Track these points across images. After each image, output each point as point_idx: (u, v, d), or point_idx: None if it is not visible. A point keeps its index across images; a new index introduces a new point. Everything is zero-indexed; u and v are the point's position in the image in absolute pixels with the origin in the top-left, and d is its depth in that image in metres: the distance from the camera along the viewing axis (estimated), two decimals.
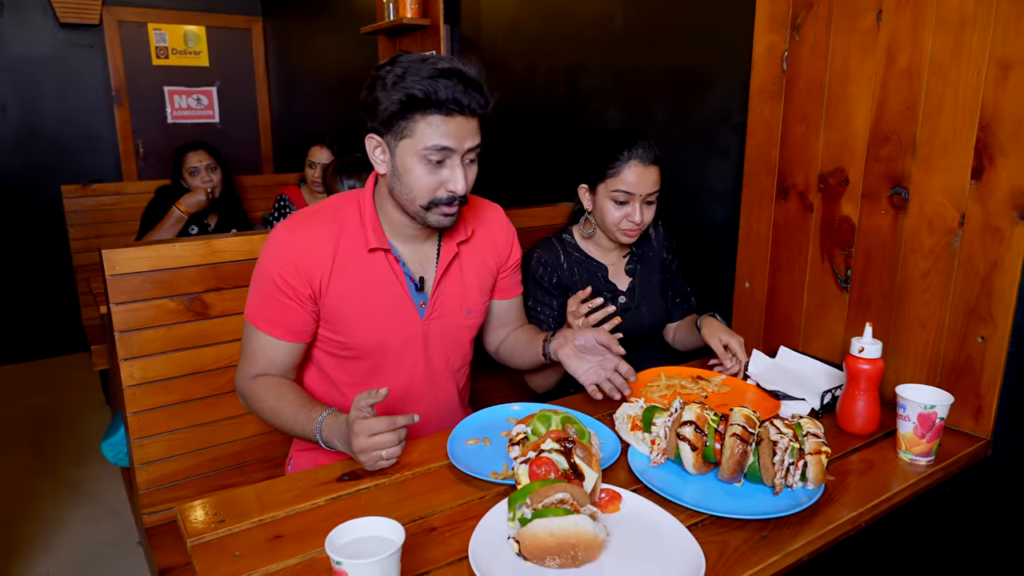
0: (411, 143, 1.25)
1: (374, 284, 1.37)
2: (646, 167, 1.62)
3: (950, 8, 1.30)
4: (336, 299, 1.35)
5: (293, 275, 1.32)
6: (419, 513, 1.07)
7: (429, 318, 1.43)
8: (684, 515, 1.05)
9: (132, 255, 1.54)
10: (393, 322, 1.39)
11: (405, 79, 1.21)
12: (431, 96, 1.20)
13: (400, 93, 1.21)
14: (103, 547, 2.51)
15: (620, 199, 1.63)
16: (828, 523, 1.06)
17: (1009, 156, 1.25)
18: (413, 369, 1.45)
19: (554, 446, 1.05)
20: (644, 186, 1.62)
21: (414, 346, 1.43)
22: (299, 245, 1.32)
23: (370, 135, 1.30)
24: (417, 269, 1.42)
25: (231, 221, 3.20)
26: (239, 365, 1.42)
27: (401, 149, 1.26)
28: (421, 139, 1.24)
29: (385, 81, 1.23)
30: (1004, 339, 1.30)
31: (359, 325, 1.38)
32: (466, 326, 1.50)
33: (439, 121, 1.23)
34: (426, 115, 1.22)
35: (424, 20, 2.93)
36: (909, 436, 1.24)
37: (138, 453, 1.62)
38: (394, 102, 1.21)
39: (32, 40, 4.25)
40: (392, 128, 1.25)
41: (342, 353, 1.42)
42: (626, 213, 1.64)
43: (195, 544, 1.00)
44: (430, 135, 1.23)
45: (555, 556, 0.90)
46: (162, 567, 1.52)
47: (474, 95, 1.24)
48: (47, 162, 4.37)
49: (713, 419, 1.16)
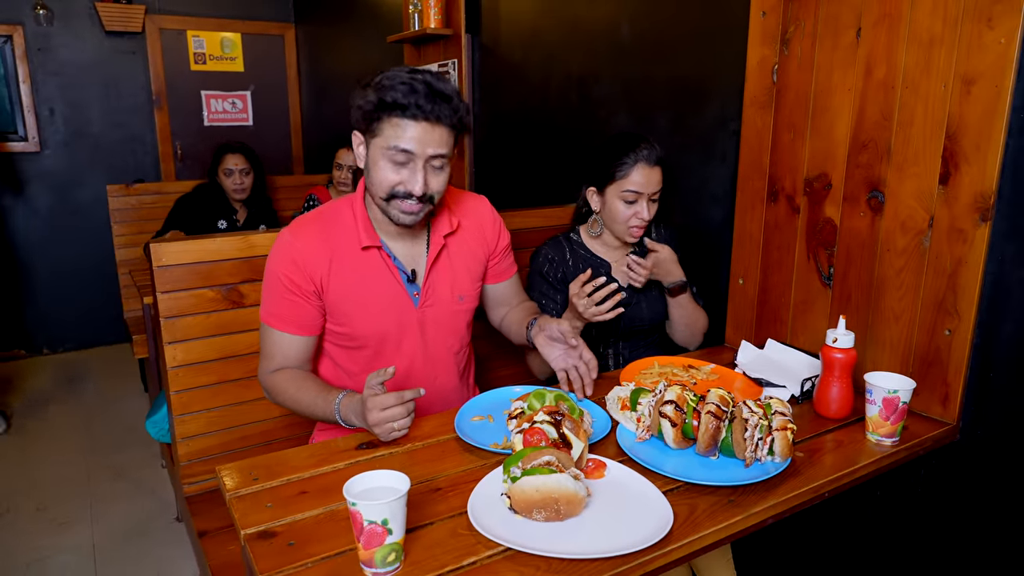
0: (379, 141, 1.39)
1: (370, 279, 1.52)
2: (651, 167, 1.76)
3: (920, 27, 1.41)
4: (337, 294, 1.50)
5: (297, 274, 1.48)
6: (426, 476, 1.22)
7: (423, 306, 1.57)
8: (662, 482, 1.18)
9: (177, 248, 1.71)
10: (390, 312, 1.54)
11: (381, 84, 1.37)
12: (397, 100, 1.35)
13: (373, 95, 1.37)
14: (143, 522, 2.70)
15: (629, 199, 1.77)
16: (792, 491, 1.18)
17: (972, 163, 1.36)
18: (413, 354, 1.59)
19: (546, 418, 1.19)
20: (651, 185, 1.77)
21: (411, 333, 1.58)
22: (300, 247, 1.48)
23: (354, 132, 1.46)
24: (408, 263, 1.57)
25: (259, 218, 3.40)
26: (260, 363, 1.57)
27: (372, 146, 1.42)
28: (386, 139, 1.38)
29: (367, 85, 1.40)
30: (968, 331, 1.41)
31: (359, 317, 1.53)
32: (460, 311, 1.64)
33: (404, 124, 1.36)
34: (391, 117, 1.37)
35: (447, 30, 3.08)
36: (875, 419, 1.35)
37: (179, 428, 1.79)
38: (368, 102, 1.37)
39: (80, 47, 4.50)
40: (367, 126, 1.41)
41: (347, 344, 1.57)
42: (635, 211, 1.78)
43: (233, 497, 1.16)
44: (393, 136, 1.37)
45: (541, 509, 1.04)
46: (200, 530, 1.69)
47: (441, 105, 1.36)
48: (91, 162, 4.62)
49: (692, 399, 1.28)
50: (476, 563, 0.99)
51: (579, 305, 1.62)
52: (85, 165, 4.61)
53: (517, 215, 2.22)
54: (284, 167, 5.25)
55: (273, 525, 1.08)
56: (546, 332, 1.54)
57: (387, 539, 0.94)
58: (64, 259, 4.62)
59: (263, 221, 3.43)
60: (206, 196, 3.36)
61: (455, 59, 3.10)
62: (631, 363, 1.72)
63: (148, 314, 2.83)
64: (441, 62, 3.20)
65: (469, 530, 1.05)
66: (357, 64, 4.27)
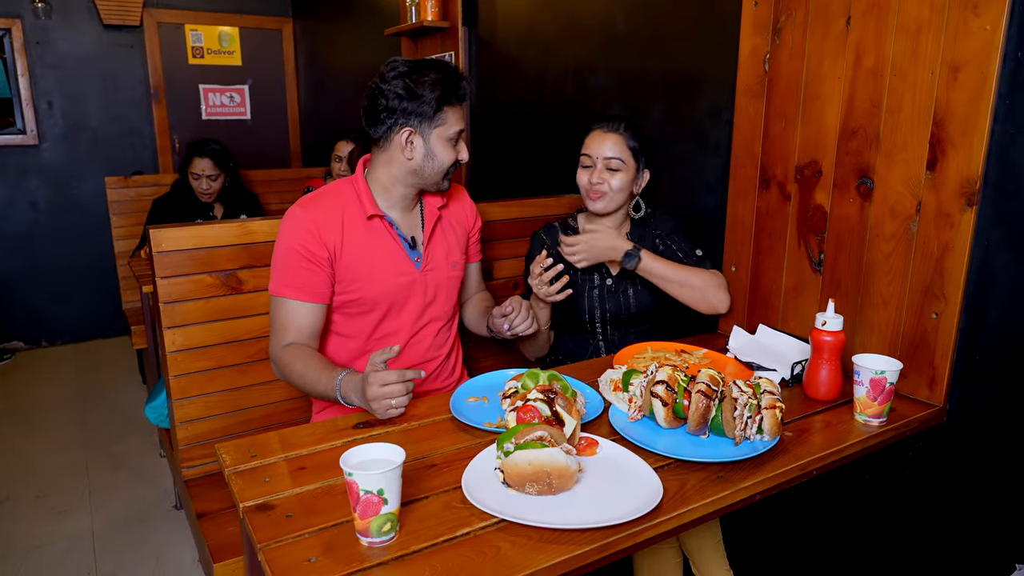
0: (443, 129, 1.59)
1: (377, 245, 1.63)
2: (605, 133, 1.86)
3: (908, 15, 1.44)
4: (350, 259, 1.60)
5: (313, 243, 1.56)
6: (422, 453, 1.24)
7: (425, 269, 1.70)
8: (653, 459, 1.20)
9: (176, 234, 1.73)
10: (396, 274, 1.66)
11: (428, 80, 1.54)
12: (458, 92, 1.58)
13: (435, 92, 1.54)
14: (141, 511, 2.72)
15: (585, 163, 1.88)
16: (779, 467, 1.21)
17: (959, 149, 1.38)
18: (413, 316, 1.70)
19: (539, 396, 1.21)
20: (601, 150, 1.84)
21: (415, 294, 1.69)
22: (314, 218, 1.58)
23: (401, 130, 1.56)
24: (408, 231, 1.69)
25: (238, 212, 3.40)
26: (271, 337, 1.63)
27: (435, 135, 1.58)
28: (451, 126, 1.59)
29: (408, 87, 1.53)
30: (955, 315, 1.43)
31: (370, 280, 1.62)
32: (452, 277, 1.77)
33: (458, 109, 1.61)
34: (451, 106, 1.58)
35: (444, 23, 3.10)
36: (863, 399, 1.38)
37: (178, 412, 1.81)
38: (432, 100, 1.54)
39: (78, 40, 4.51)
40: (429, 120, 1.55)
41: (355, 310, 1.65)
42: (588, 176, 1.86)
43: (232, 472, 1.18)
44: (456, 122, 1.60)
45: (533, 483, 1.07)
46: (199, 512, 1.71)
47: (469, 87, 1.64)
48: (89, 155, 4.64)
49: (683, 379, 1.31)
50: (470, 533, 1.01)
51: (532, 284, 1.74)
52: (84, 158, 4.63)
53: (513, 205, 2.25)
54: (282, 161, 5.27)
55: (271, 498, 1.10)
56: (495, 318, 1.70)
57: (383, 509, 0.96)
58: (62, 252, 4.64)
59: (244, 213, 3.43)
60: (181, 194, 3.33)
61: (452, 52, 3.12)
62: (624, 348, 1.75)
63: (147, 303, 2.85)
64: (438, 55, 3.22)
65: (463, 503, 1.08)
66: (355, 58, 4.29)
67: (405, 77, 1.54)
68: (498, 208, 2.22)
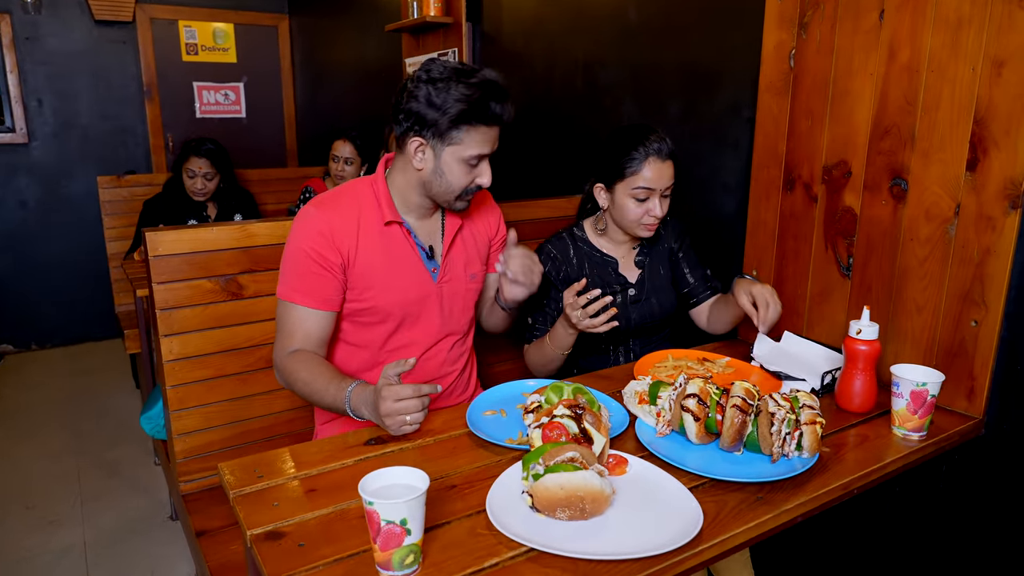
0: (457, 150, 1.42)
1: (393, 253, 1.53)
2: (663, 162, 1.67)
3: (948, 8, 1.37)
4: (363, 266, 1.50)
5: (325, 247, 1.46)
6: (440, 473, 1.16)
7: (442, 281, 1.59)
8: (686, 479, 1.13)
9: (173, 237, 1.64)
10: (412, 285, 1.55)
11: (453, 94, 1.36)
12: (480, 111, 1.38)
13: (454, 109, 1.37)
14: (135, 521, 2.63)
15: (641, 196, 1.68)
16: (821, 487, 1.14)
17: (1002, 149, 1.32)
18: (428, 329, 1.60)
19: (566, 412, 1.13)
20: (663, 181, 1.67)
21: (430, 307, 1.58)
22: (328, 220, 1.47)
23: (413, 138, 1.43)
24: (426, 239, 1.58)
25: (232, 211, 3.31)
26: (276, 344, 1.52)
27: (447, 153, 1.43)
28: (467, 148, 1.42)
29: (430, 95, 1.37)
30: (996, 323, 1.37)
31: (384, 289, 1.52)
32: (471, 289, 1.66)
33: (484, 132, 1.42)
34: (473, 127, 1.40)
35: (447, 18, 3.02)
36: (902, 412, 1.31)
37: (176, 424, 1.72)
38: (449, 115, 1.37)
39: (68, 36, 4.41)
40: (441, 136, 1.40)
41: (368, 319, 1.55)
42: (647, 209, 1.69)
43: (237, 495, 1.10)
44: (475, 145, 1.42)
45: (565, 508, 0.99)
46: (198, 530, 1.63)
47: (508, 108, 1.43)
48: (81, 153, 4.53)
49: (715, 392, 1.24)
50: (498, 564, 0.93)
51: (572, 316, 1.57)
52: (75, 157, 4.52)
53: (522, 206, 2.17)
54: (278, 160, 5.18)
55: (281, 525, 1.02)
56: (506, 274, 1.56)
57: (405, 540, 0.88)
58: (53, 252, 4.53)
59: (239, 213, 3.34)
60: (174, 194, 3.22)
61: (455, 48, 3.04)
62: (645, 356, 1.67)
63: (142, 307, 2.76)
64: (441, 51, 3.14)
65: (489, 529, 1.00)
66: (353, 55, 4.20)
67: (432, 84, 1.38)
68: (505, 210, 2.12)
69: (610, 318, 1.56)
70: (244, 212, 3.35)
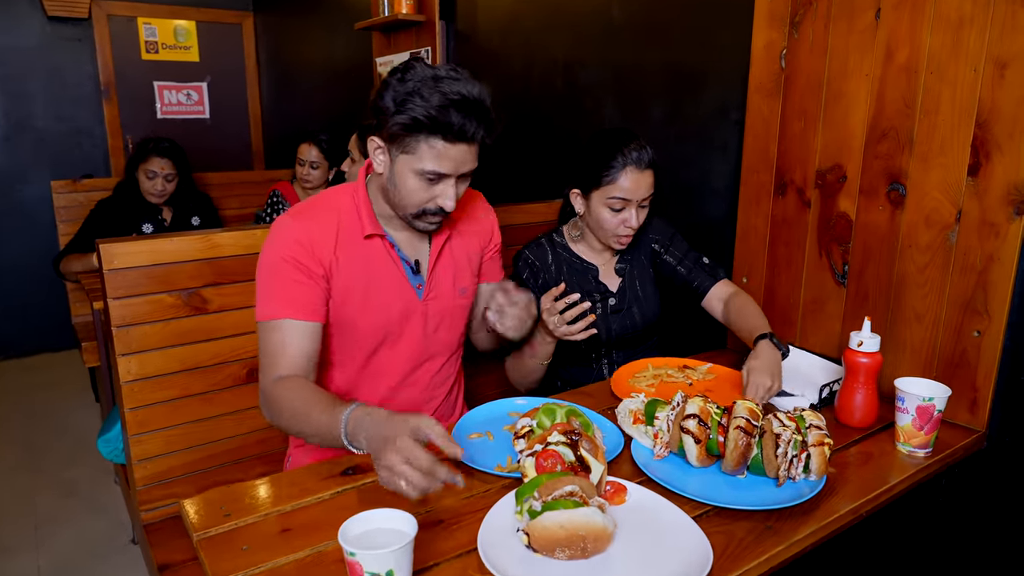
0: (410, 160, 1.26)
1: (374, 268, 1.40)
2: (641, 172, 1.58)
3: (948, 7, 1.32)
4: (342, 281, 1.37)
5: (304, 255, 1.32)
6: (425, 506, 1.08)
7: (427, 299, 1.46)
8: (689, 506, 1.06)
9: (130, 249, 1.52)
10: (394, 302, 1.42)
11: (415, 99, 1.21)
12: (438, 122, 1.21)
13: (408, 114, 1.21)
14: (95, 544, 2.49)
15: (616, 206, 1.60)
16: (831, 513, 1.08)
17: (1005, 153, 1.27)
18: (411, 351, 1.48)
19: (560, 439, 1.05)
20: (640, 192, 1.59)
21: (414, 326, 1.46)
22: (306, 228, 1.34)
23: (372, 136, 1.31)
24: (411, 253, 1.45)
25: (189, 214, 3.17)
26: (261, 375, 1.33)
27: (400, 162, 1.28)
28: (421, 160, 1.25)
29: (395, 95, 1.23)
30: (999, 333, 1.32)
31: (363, 306, 1.40)
32: (460, 306, 1.53)
33: (441, 146, 1.24)
34: (429, 138, 1.24)
35: (419, 16, 2.93)
36: (907, 428, 1.25)
37: (135, 449, 1.61)
38: (401, 119, 1.22)
39: (19, 32, 4.20)
40: (395, 141, 1.26)
41: (343, 338, 1.43)
42: (623, 219, 1.61)
43: (202, 538, 1.00)
44: (429, 159, 1.25)
45: (565, 548, 0.91)
46: (161, 563, 1.51)
47: (480, 126, 1.25)
48: (34, 156, 4.32)
49: (716, 412, 1.17)
50: None
51: (549, 323, 1.48)
52: (28, 160, 4.31)
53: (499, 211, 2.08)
54: (244, 162, 5.01)
55: (252, 572, 0.92)
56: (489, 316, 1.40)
57: None
58: (4, 260, 4.32)
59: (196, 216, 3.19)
60: (126, 196, 3.04)
61: (428, 47, 2.94)
62: (623, 366, 1.60)
63: (99, 320, 2.61)
64: (413, 50, 3.04)
65: (481, 572, 0.91)
66: (321, 54, 4.07)
67: (402, 83, 1.23)
68: None
69: (589, 325, 1.46)
70: (201, 215, 3.20)
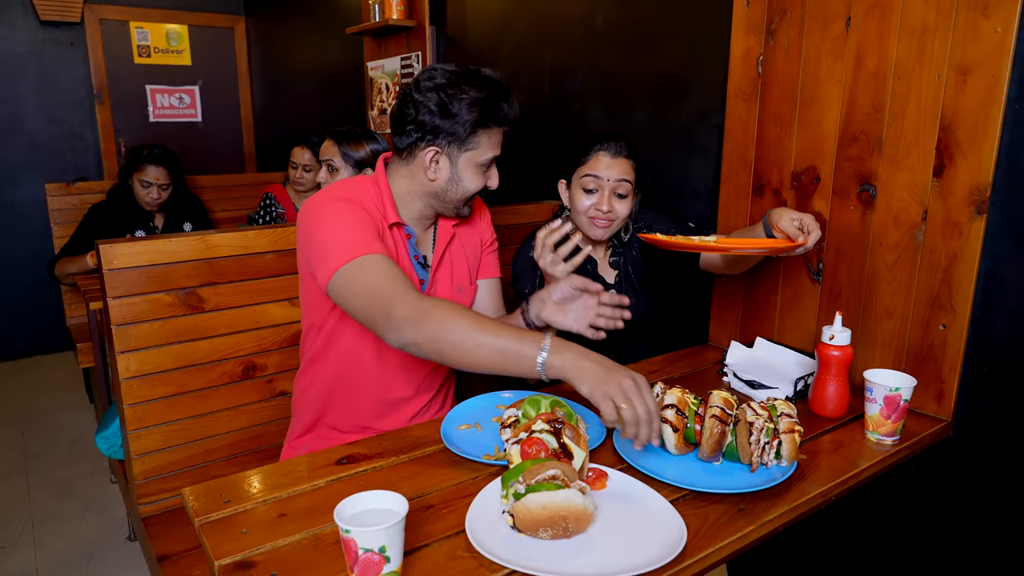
0: (474, 155, 1.40)
1: (396, 255, 1.46)
2: (613, 158, 1.69)
3: (913, 16, 1.38)
4: None
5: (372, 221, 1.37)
6: (416, 492, 1.13)
7: (428, 294, 1.51)
8: (667, 491, 1.12)
9: (129, 249, 1.57)
10: None
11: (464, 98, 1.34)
12: (499, 115, 1.38)
13: (471, 114, 1.35)
14: (91, 543, 2.53)
15: (588, 186, 1.70)
16: (801, 496, 1.13)
17: (967, 155, 1.33)
18: None
19: (544, 427, 1.11)
20: (611, 173, 1.68)
21: None
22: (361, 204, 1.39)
23: (427, 148, 1.38)
24: (421, 247, 1.53)
25: (181, 220, 3.21)
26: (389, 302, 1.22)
27: (464, 160, 1.40)
28: (483, 151, 1.40)
29: (448, 101, 1.34)
30: (963, 327, 1.39)
31: None
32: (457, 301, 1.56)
33: (497, 133, 1.42)
34: (489, 130, 1.39)
35: (410, 21, 2.98)
36: (876, 417, 1.32)
37: (134, 444, 1.65)
38: (467, 121, 1.35)
39: (11, 37, 4.23)
40: (462, 142, 1.37)
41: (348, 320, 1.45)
42: (594, 201, 1.70)
43: (203, 523, 1.05)
44: (489, 148, 1.41)
45: (547, 528, 0.97)
46: (160, 554, 1.56)
47: (516, 106, 1.41)
48: (27, 160, 4.35)
49: (693, 402, 1.23)
50: None
51: (542, 260, 1.47)
52: (21, 164, 4.34)
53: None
54: (236, 165, 5.05)
55: (251, 554, 0.97)
56: (554, 297, 1.41)
57: (384, 568, 0.85)
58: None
59: (188, 221, 3.23)
60: (120, 202, 3.08)
61: (419, 52, 3.00)
62: None
63: (95, 321, 2.65)
64: (404, 55, 3.09)
65: (469, 551, 0.97)
66: (313, 58, 4.12)
67: (441, 91, 1.34)
68: None
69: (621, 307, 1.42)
70: (193, 221, 3.24)
